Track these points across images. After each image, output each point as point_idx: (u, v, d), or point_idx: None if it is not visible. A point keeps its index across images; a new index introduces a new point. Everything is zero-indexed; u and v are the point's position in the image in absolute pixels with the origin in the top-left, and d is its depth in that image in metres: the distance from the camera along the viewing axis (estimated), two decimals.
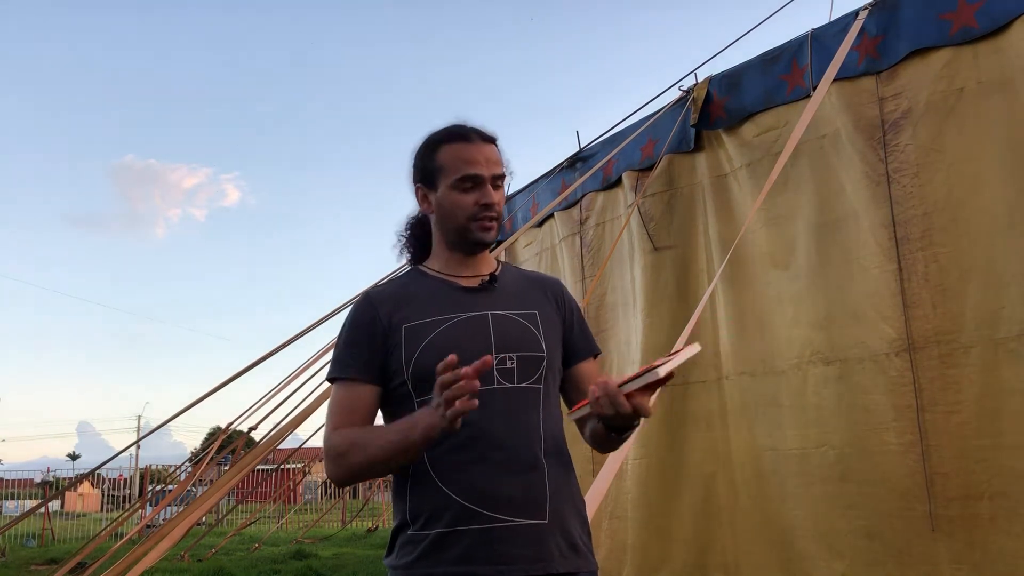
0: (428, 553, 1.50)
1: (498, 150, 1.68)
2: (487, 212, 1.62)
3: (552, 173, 5.60)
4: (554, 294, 1.76)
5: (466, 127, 1.68)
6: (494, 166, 1.64)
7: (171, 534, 4.19)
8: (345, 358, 1.63)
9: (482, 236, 1.63)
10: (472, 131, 1.67)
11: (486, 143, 1.66)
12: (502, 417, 1.54)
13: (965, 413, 3.20)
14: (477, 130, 1.68)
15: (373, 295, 1.68)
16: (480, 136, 1.66)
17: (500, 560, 1.47)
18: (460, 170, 1.62)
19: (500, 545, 1.47)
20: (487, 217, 1.62)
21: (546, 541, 1.50)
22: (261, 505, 20.23)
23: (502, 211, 1.66)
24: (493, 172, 1.63)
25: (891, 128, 3.57)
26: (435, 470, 1.53)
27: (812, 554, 3.60)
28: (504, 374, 1.56)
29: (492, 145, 1.67)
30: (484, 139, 1.67)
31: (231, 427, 8.87)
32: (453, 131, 1.68)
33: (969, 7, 3.35)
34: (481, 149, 1.64)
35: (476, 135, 1.66)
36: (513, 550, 1.48)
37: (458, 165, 1.63)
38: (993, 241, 3.22)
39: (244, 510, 19.31)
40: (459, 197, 1.62)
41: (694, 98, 4.44)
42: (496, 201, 1.63)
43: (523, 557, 1.48)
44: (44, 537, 15.70)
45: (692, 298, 4.32)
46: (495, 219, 1.63)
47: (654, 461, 4.36)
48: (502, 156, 1.69)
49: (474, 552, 1.47)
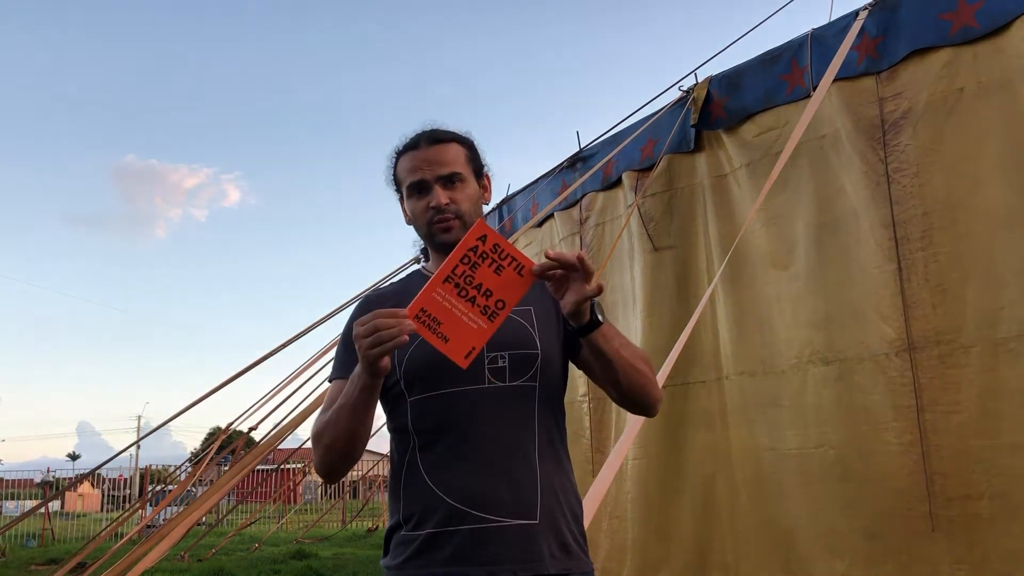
0: (419, 553, 1.51)
1: (454, 147, 1.67)
2: (440, 215, 1.62)
3: (552, 173, 5.61)
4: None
5: (418, 134, 1.69)
6: (439, 167, 1.63)
7: (171, 534, 4.20)
8: (343, 359, 1.66)
9: (443, 238, 1.63)
10: (421, 136, 1.67)
11: (433, 145, 1.66)
12: (493, 416, 1.54)
13: (965, 413, 3.20)
14: (429, 134, 1.68)
15: (372, 296, 1.73)
16: (428, 139, 1.66)
17: (489, 561, 1.47)
18: (407, 179, 1.66)
19: (490, 546, 1.47)
20: (442, 219, 1.62)
21: (536, 542, 1.50)
22: (261, 505, 20.23)
23: (467, 207, 1.64)
24: (437, 174, 1.63)
25: (891, 128, 3.57)
26: (427, 470, 1.54)
27: (812, 554, 3.61)
28: (495, 372, 1.56)
29: (443, 145, 1.66)
30: (432, 141, 1.66)
31: (231, 427, 8.89)
32: (405, 142, 1.70)
33: (969, 7, 3.36)
34: (426, 154, 1.64)
35: (425, 140, 1.66)
36: (503, 551, 1.47)
37: (405, 175, 1.67)
38: (993, 241, 3.23)
39: (244, 510, 19.31)
40: (414, 204, 1.66)
41: (694, 98, 4.44)
42: (448, 200, 1.62)
43: (513, 558, 1.47)
44: (44, 537, 15.70)
45: (692, 298, 4.32)
46: (453, 218, 1.62)
47: (654, 461, 4.36)
48: (466, 152, 1.68)
49: (464, 552, 1.47)
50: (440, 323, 1.37)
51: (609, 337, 1.50)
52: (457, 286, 1.38)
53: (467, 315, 1.38)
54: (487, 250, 1.39)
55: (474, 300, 1.38)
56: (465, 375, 1.47)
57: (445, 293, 1.38)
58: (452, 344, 1.37)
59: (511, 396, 1.56)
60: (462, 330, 1.37)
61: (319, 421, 1.58)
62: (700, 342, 4.22)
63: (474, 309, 1.38)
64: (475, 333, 1.38)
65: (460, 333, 1.37)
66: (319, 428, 1.57)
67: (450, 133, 1.70)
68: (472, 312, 1.38)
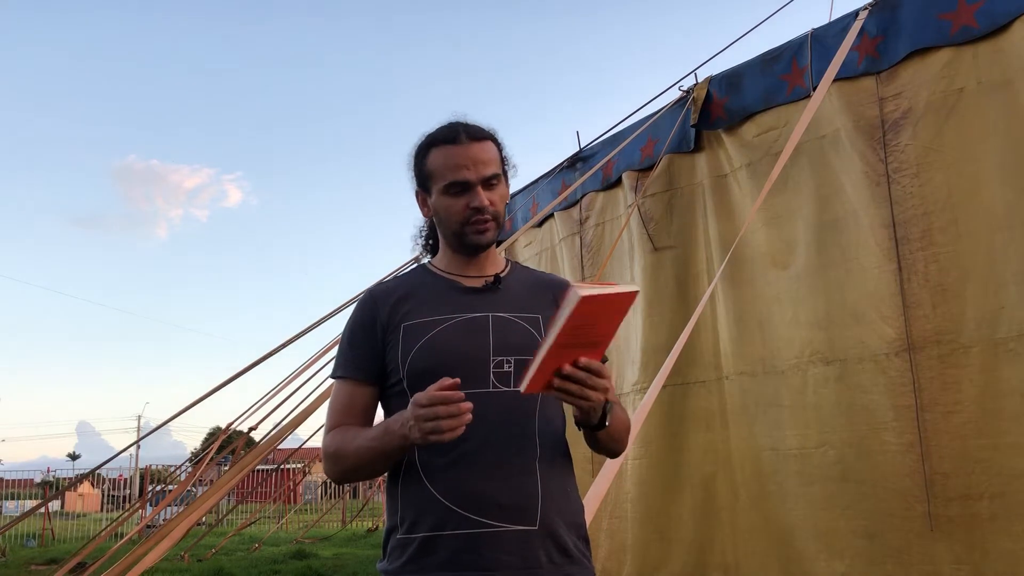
0: (415, 557, 1.49)
1: (492, 146, 1.61)
2: (479, 215, 1.56)
3: (552, 173, 5.61)
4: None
5: (455, 126, 1.61)
6: (483, 167, 1.57)
7: (171, 534, 4.19)
8: (346, 357, 1.64)
9: (477, 240, 1.59)
10: (460, 130, 1.59)
11: (475, 142, 1.58)
12: (496, 421, 1.51)
13: (965, 413, 3.20)
14: (466, 128, 1.60)
15: (376, 292, 1.66)
16: (469, 135, 1.59)
17: (486, 566, 1.45)
18: (447, 176, 1.57)
19: (487, 550, 1.46)
20: (480, 220, 1.57)
21: (534, 547, 1.48)
22: (261, 505, 20.25)
23: (501, 209, 1.60)
24: (482, 174, 1.56)
25: (891, 128, 3.57)
26: (425, 473, 1.52)
27: (812, 554, 3.60)
28: (500, 377, 1.54)
29: (483, 143, 1.60)
30: (473, 138, 1.59)
31: (231, 427, 8.88)
32: (441, 133, 1.61)
33: (969, 7, 3.36)
34: (468, 150, 1.57)
35: (464, 134, 1.59)
36: (500, 556, 1.46)
37: (445, 171, 1.58)
38: (993, 241, 3.23)
39: (244, 510, 19.32)
40: (450, 202, 1.58)
41: (694, 98, 4.45)
42: (489, 202, 1.57)
43: (509, 563, 1.46)
44: (44, 537, 15.71)
45: (692, 298, 4.32)
46: (490, 220, 1.58)
47: (654, 461, 4.36)
48: (498, 151, 1.63)
49: (460, 557, 1.46)
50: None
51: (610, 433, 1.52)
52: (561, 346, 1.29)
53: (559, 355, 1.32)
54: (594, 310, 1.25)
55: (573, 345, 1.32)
56: (469, 378, 1.44)
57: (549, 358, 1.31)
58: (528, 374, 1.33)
59: (515, 401, 1.53)
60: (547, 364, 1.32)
61: (331, 439, 1.57)
62: (700, 342, 4.22)
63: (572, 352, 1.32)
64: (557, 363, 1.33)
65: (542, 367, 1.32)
66: (332, 450, 1.55)
67: (487, 130, 1.63)
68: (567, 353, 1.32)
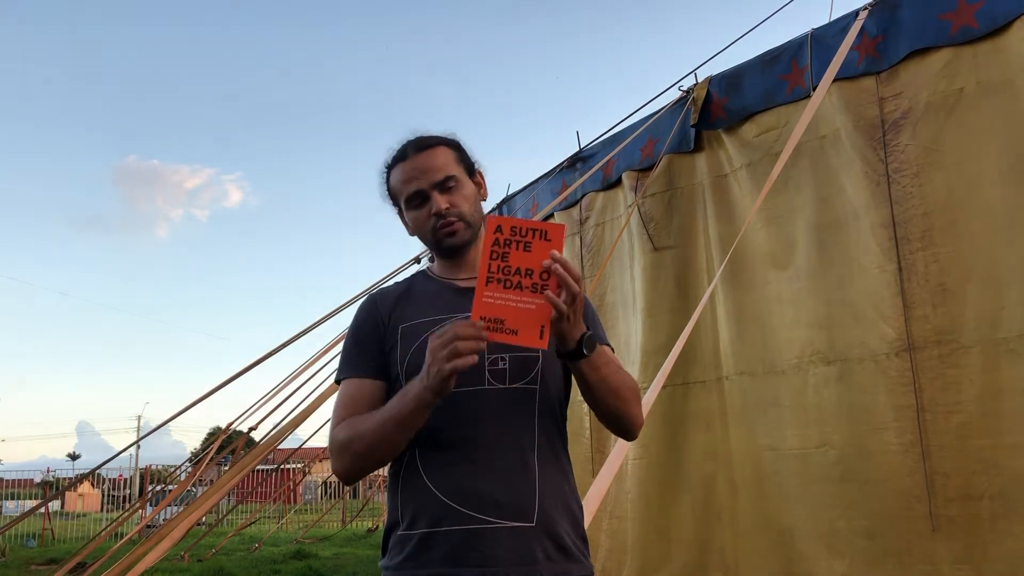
0: (414, 554, 1.50)
1: (443, 151, 1.67)
2: (443, 219, 1.63)
3: (552, 173, 5.61)
4: None
5: (404, 144, 1.69)
6: (433, 173, 1.63)
7: (171, 534, 4.20)
8: (351, 357, 1.67)
9: (449, 242, 1.65)
10: (408, 146, 1.68)
11: (421, 152, 1.66)
12: (492, 418, 1.53)
13: (965, 413, 3.20)
14: (415, 141, 1.68)
15: (376, 295, 1.73)
16: (416, 147, 1.67)
17: (483, 562, 1.46)
18: (404, 191, 1.66)
19: (484, 547, 1.47)
20: (446, 224, 1.63)
21: (531, 544, 1.49)
22: (261, 505, 20.24)
23: (467, 207, 1.65)
24: (433, 180, 1.63)
25: (891, 128, 3.57)
26: (425, 470, 1.54)
27: (812, 554, 3.60)
28: (496, 375, 1.56)
29: (431, 150, 1.66)
30: (420, 148, 1.66)
31: (231, 427, 8.89)
32: (394, 155, 1.70)
33: (969, 7, 3.36)
34: (415, 162, 1.65)
35: (412, 148, 1.67)
36: (497, 552, 1.47)
37: (402, 186, 1.66)
38: (993, 241, 3.23)
39: (244, 510, 19.33)
40: (415, 214, 1.66)
41: (694, 98, 4.45)
42: (448, 204, 1.62)
43: (506, 559, 1.47)
44: (44, 537, 15.71)
45: (692, 298, 4.32)
46: (456, 221, 1.63)
47: (654, 461, 4.36)
48: (455, 152, 1.68)
49: (458, 553, 1.47)
50: (502, 321, 1.39)
51: (596, 366, 1.50)
52: (499, 281, 1.40)
53: (521, 301, 1.40)
54: (507, 236, 1.42)
55: (520, 285, 1.40)
56: (465, 376, 1.45)
57: (492, 292, 1.40)
58: (522, 334, 1.39)
59: (511, 398, 1.55)
60: (523, 317, 1.39)
61: (342, 429, 1.56)
62: (700, 342, 4.22)
63: (523, 293, 1.40)
64: (536, 313, 1.39)
65: (523, 321, 1.39)
66: (345, 438, 1.55)
67: (435, 137, 1.70)
68: (523, 296, 1.40)
